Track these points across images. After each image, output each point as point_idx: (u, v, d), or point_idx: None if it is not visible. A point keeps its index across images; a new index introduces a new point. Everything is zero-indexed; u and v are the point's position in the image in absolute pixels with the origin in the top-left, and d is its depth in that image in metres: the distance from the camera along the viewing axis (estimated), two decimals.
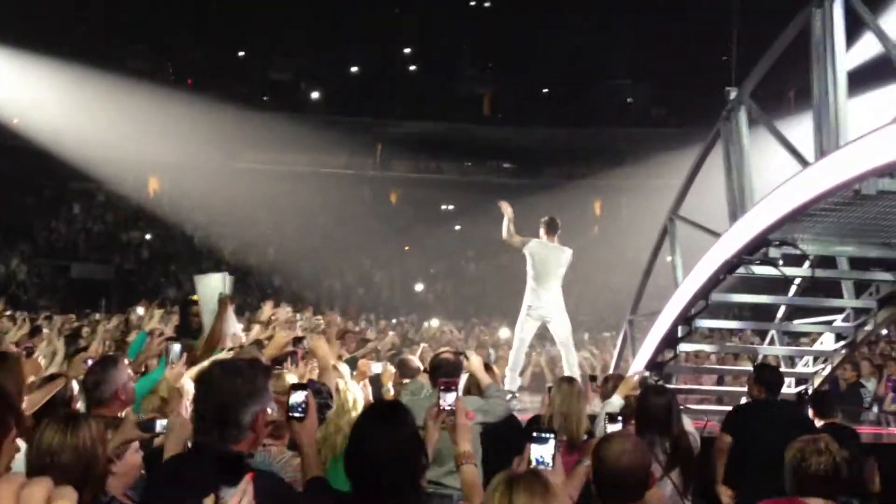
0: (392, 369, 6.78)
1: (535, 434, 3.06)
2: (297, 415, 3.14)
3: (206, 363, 5.20)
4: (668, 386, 7.72)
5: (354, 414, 4.43)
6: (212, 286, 7.08)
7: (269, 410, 3.47)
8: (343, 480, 3.10)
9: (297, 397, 3.15)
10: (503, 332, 14.10)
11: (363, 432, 3.01)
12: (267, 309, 8.36)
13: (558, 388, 5.39)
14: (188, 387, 3.84)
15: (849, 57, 6.26)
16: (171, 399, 4.18)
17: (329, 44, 35.16)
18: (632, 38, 32.66)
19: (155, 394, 4.31)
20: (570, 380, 5.52)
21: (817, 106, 6.05)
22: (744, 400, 9.37)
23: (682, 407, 5.40)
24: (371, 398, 6.48)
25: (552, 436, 3.07)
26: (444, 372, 5.04)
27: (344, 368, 6.36)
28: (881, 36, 5.82)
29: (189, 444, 3.20)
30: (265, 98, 34.69)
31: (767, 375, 6.25)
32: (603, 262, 26.57)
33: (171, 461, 3.09)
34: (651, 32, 31.35)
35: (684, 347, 8.77)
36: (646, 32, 31.56)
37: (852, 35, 6.43)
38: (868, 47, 6.64)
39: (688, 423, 5.29)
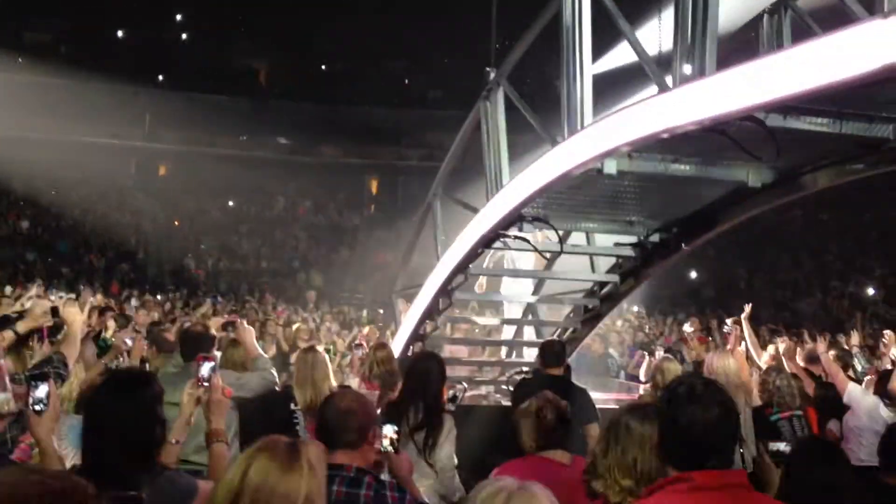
0: (144, 344, 6.53)
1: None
2: (38, 408, 3.05)
3: None
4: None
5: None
6: None
7: (11, 401, 3.35)
8: None
9: (40, 391, 3.06)
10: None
11: (97, 403, 2.96)
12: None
13: (298, 357, 5.54)
14: None
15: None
16: None
17: (93, 4, 32.91)
18: (411, 21, 33.06)
19: None
20: (311, 349, 5.66)
21: (565, 90, 6.38)
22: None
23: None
24: None
25: None
26: (191, 345, 4.94)
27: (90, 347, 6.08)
28: (623, 28, 6.19)
29: None
30: (20, 60, 31.82)
31: (546, 349, 6.75)
32: (379, 240, 26.89)
33: None
34: (429, 17, 31.89)
35: (443, 319, 9.07)
36: (424, 17, 32.06)
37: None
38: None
39: None
